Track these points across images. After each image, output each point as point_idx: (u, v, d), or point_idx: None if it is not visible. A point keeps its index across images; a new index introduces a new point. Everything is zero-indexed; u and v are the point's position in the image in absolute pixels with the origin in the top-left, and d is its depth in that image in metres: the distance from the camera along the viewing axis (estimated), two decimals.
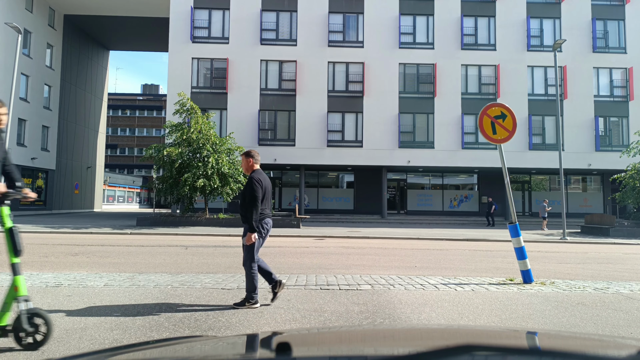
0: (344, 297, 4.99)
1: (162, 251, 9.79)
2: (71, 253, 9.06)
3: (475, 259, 9.39)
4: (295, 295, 5.05)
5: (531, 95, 23.75)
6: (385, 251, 10.65)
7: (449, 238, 14.72)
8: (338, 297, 4.96)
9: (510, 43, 23.74)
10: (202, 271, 6.84)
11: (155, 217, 18.46)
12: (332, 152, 22.94)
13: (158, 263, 7.84)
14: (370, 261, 8.70)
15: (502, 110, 6.28)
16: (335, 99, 23.30)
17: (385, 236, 14.97)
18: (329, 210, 25.32)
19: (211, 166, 16.83)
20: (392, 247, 11.88)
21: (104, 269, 6.94)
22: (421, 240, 14.16)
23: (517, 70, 23.57)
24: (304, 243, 12.48)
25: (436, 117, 23.36)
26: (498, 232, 17.36)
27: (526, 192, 26.71)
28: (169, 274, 6.48)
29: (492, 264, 8.72)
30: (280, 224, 18.04)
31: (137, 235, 14.39)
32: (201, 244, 11.54)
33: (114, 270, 6.73)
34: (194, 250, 10.06)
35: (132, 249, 10.01)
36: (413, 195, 26.21)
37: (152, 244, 11.45)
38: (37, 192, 28.53)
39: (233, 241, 12.88)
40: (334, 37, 23.53)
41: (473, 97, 23.67)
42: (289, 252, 9.99)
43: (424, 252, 10.55)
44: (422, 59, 23.54)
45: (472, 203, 26.20)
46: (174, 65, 23.01)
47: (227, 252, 9.75)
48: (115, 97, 54.16)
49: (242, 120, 22.83)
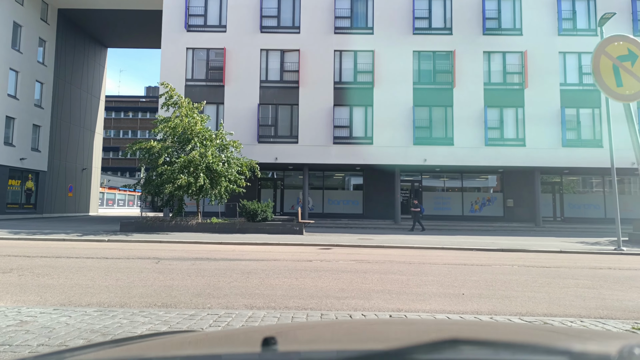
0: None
1: (125, 266, 7.76)
2: (6, 269, 7.14)
3: (540, 282, 6.86)
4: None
5: (564, 85, 21.11)
6: (410, 267, 8.29)
7: (480, 248, 12.30)
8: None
9: (539, 27, 21.19)
10: (154, 303, 4.88)
11: (141, 221, 16.45)
12: (339, 150, 20.67)
13: (104, 286, 5.83)
14: (397, 284, 6.44)
15: (630, 47, 3.81)
16: (342, 91, 21.07)
17: (403, 245, 12.67)
18: (335, 214, 22.99)
19: (193, 160, 14.73)
20: (416, 260, 9.53)
21: (22, 295, 5.11)
22: (447, 251, 11.80)
23: (547, 57, 20.99)
24: (306, 254, 10.27)
25: (455, 111, 20.91)
26: (521, 240, 14.75)
27: (557, 195, 23.93)
28: (103, 308, 4.47)
29: (576, 291, 6.20)
30: (281, 229, 15.88)
31: (114, 242, 12.54)
32: (179, 256, 9.49)
33: (33, 299, 4.91)
34: (165, 265, 7.97)
35: (88, 263, 8.02)
36: (429, 198, 23.70)
37: (120, 255, 9.46)
38: (26, 194, 26.95)
39: (221, 251, 10.78)
40: (340, 23, 21.35)
41: (497, 87, 21.15)
42: (286, 269, 7.78)
43: (461, 270, 8.17)
44: (439, 45, 21.17)
45: (496, 206, 23.55)
46: (167, 56, 21.13)
47: (206, 269, 7.65)
48: (117, 99, 53.06)
49: (240, 115, 20.76)
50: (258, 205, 16.44)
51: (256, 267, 7.93)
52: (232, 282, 6.32)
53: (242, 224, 16.10)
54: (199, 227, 15.93)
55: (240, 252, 10.41)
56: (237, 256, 9.67)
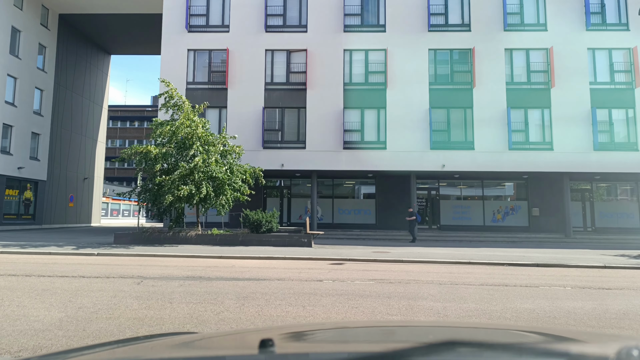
0: None
1: (99, 288, 6.47)
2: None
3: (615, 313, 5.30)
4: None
5: (594, 84, 19.47)
6: (442, 290, 6.81)
7: (512, 262, 10.79)
8: None
9: (565, 22, 19.66)
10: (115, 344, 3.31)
11: (138, 233, 15.16)
12: (350, 155, 19.23)
13: (56, 320, 4.53)
14: (432, 314, 5.10)
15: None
16: (352, 92, 19.70)
17: (424, 259, 11.22)
18: (346, 224, 21.45)
19: (196, 167, 13.43)
20: (445, 279, 8.04)
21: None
22: (477, 267, 10.29)
23: (574, 53, 19.40)
24: (316, 271, 8.85)
25: (476, 112, 19.37)
26: (553, 253, 13.05)
27: (587, 203, 22.11)
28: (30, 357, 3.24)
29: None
30: (287, 242, 14.49)
31: (103, 257, 11.34)
32: (169, 273, 8.21)
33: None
34: (147, 286, 6.66)
35: (57, 284, 6.75)
36: (447, 207, 22.05)
37: (101, 272, 8.19)
38: (25, 204, 25.93)
39: (218, 267, 9.46)
40: (350, 21, 20.07)
41: (521, 86, 19.60)
42: (291, 292, 6.36)
43: (505, 293, 6.71)
44: (457, 43, 19.73)
45: (520, 216, 21.80)
46: (167, 58, 20.03)
47: (195, 292, 6.36)
48: (124, 109, 52.51)
49: (244, 119, 19.49)
50: (262, 215, 15.04)
51: (255, 289, 6.54)
52: (222, 313, 4.99)
53: (245, 235, 14.72)
54: (199, 239, 14.61)
55: (240, 269, 9.03)
56: (236, 274, 8.28)
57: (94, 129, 32.86)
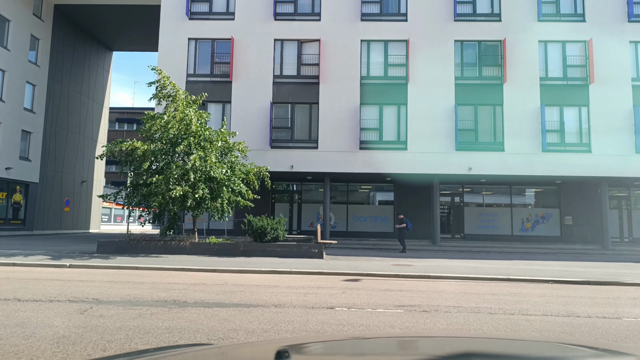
0: None
1: (18, 322, 4.58)
2: None
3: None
4: None
5: (635, 80, 17.62)
6: (497, 323, 5.10)
7: (561, 279, 9.08)
8: None
9: (605, 11, 17.85)
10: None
11: (124, 241, 13.35)
12: (366, 156, 17.40)
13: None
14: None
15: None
16: (370, 87, 17.90)
17: (454, 274, 9.56)
18: (361, 233, 19.57)
19: (193, 167, 11.63)
20: (494, 304, 6.33)
21: None
22: (521, 284, 8.67)
23: (615, 47, 17.57)
24: (326, 292, 7.05)
25: (506, 110, 17.53)
26: (597, 267, 11.12)
27: (624, 211, 20.16)
28: None
29: None
30: (295, 252, 12.71)
31: (74, 269, 9.72)
32: (134, 296, 6.47)
33: None
34: (92, 318, 4.93)
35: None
36: (472, 215, 20.14)
37: (47, 293, 6.52)
38: (14, 208, 24.16)
39: (206, 284, 7.73)
40: (368, 9, 18.32)
41: (556, 82, 17.76)
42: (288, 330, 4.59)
43: (581, 328, 5.07)
44: (486, 34, 17.94)
45: (552, 225, 19.86)
46: (165, 47, 18.34)
47: (150, 330, 4.51)
48: (130, 111, 50.83)
49: (250, 115, 17.72)
50: (267, 222, 13.20)
51: (240, 324, 4.72)
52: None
53: (247, 244, 12.92)
54: (194, 248, 12.81)
55: (232, 288, 7.24)
56: (223, 296, 6.46)
57: (93, 129, 31.13)
